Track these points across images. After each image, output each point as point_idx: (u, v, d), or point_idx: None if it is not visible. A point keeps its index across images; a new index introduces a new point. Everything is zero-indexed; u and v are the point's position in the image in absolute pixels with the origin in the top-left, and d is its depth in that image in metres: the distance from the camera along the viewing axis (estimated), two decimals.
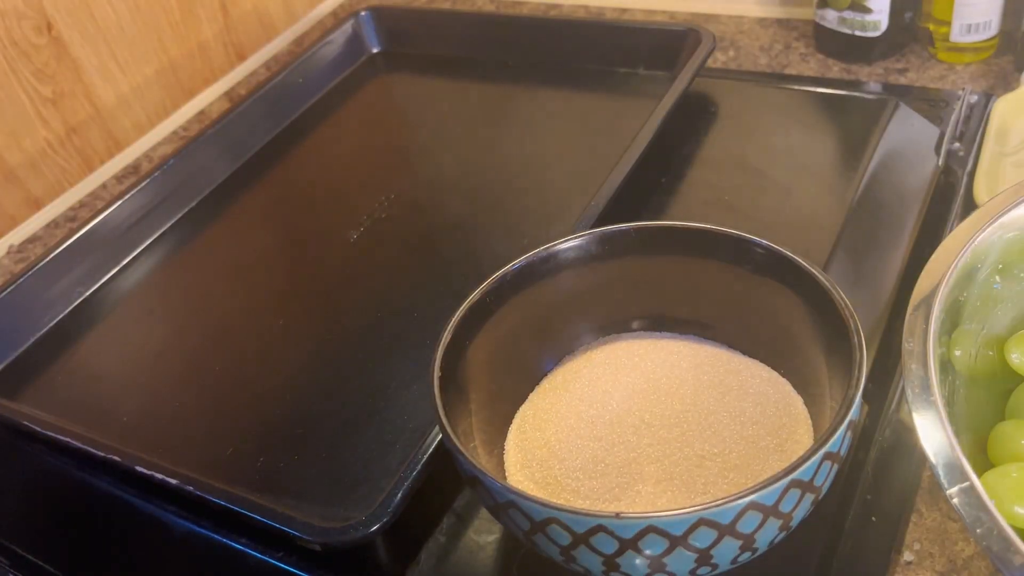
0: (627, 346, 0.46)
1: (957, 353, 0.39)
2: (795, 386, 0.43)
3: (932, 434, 0.32)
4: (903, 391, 0.44)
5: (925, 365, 0.34)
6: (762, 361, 0.45)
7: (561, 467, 0.41)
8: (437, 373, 0.39)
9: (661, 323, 0.47)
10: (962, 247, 0.38)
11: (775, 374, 0.44)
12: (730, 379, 0.43)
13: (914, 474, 0.44)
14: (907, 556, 0.41)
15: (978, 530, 0.29)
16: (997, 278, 0.40)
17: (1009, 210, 0.39)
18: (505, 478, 0.41)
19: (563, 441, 0.42)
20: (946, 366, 0.37)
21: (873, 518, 0.42)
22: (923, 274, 0.38)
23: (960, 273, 0.38)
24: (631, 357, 0.45)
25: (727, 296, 0.45)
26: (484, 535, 0.44)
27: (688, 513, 0.32)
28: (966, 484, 0.30)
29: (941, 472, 0.31)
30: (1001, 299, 0.41)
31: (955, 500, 0.30)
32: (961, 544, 0.41)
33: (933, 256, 0.39)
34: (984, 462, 0.37)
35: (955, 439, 0.31)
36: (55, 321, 0.61)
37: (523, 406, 0.45)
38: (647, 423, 0.42)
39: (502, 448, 0.43)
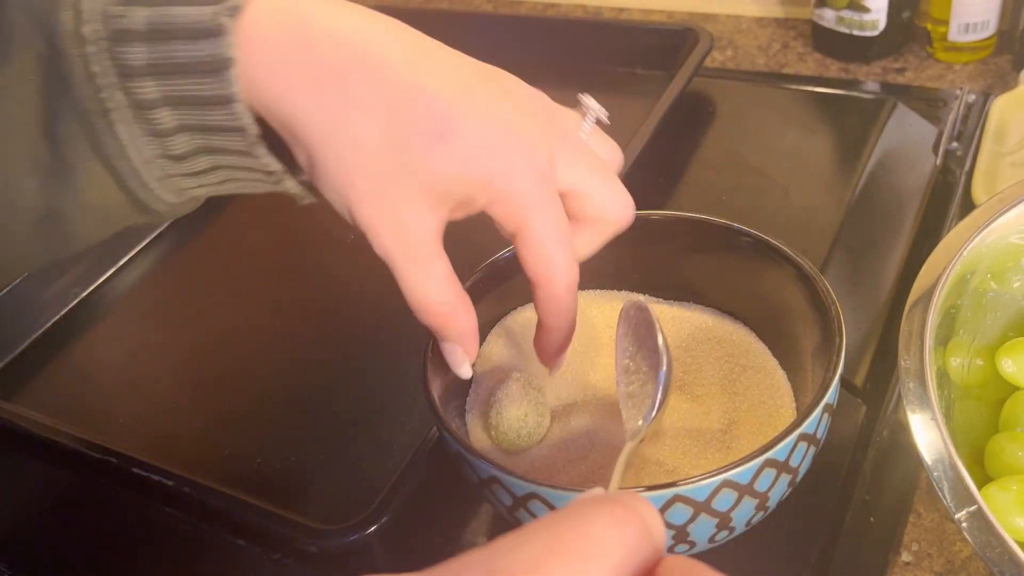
0: None
1: (953, 363, 0.39)
2: (784, 370, 0.43)
3: (936, 455, 0.32)
4: (900, 398, 0.44)
5: (923, 381, 0.34)
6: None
7: (550, 440, 0.41)
8: (429, 354, 0.39)
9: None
10: (955, 253, 0.38)
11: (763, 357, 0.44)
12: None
13: (912, 475, 0.44)
14: (905, 556, 0.41)
15: (988, 554, 0.29)
16: (993, 285, 0.40)
17: (1007, 211, 0.39)
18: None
19: (555, 415, 0.42)
20: (942, 379, 0.37)
21: (871, 518, 0.42)
22: (916, 283, 0.38)
23: (953, 281, 0.37)
24: None
25: (719, 282, 0.45)
26: (481, 537, 0.44)
27: (664, 490, 0.32)
28: (974, 508, 0.30)
29: (948, 495, 0.30)
30: (992, 307, 0.41)
31: (964, 524, 0.30)
32: (959, 544, 0.41)
33: (926, 264, 0.39)
34: (981, 474, 0.37)
35: (959, 459, 0.31)
36: (52, 322, 0.61)
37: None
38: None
39: None
